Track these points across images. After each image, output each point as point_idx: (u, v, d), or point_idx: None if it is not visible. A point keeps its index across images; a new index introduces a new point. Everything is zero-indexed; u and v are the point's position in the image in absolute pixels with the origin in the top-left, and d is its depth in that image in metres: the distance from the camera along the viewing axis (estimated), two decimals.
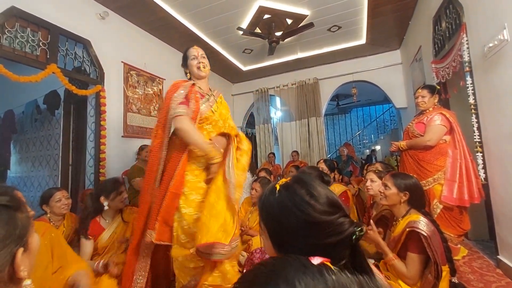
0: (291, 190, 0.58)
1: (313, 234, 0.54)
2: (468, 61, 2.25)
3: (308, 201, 0.55)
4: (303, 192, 0.57)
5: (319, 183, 0.60)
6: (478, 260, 2.25)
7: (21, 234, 0.53)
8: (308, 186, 0.58)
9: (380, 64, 5.12)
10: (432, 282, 1.25)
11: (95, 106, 3.15)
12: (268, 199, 0.60)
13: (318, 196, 0.56)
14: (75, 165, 3.68)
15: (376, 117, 10.30)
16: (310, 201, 0.56)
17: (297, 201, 0.56)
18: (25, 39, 2.55)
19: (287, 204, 0.57)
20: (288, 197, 0.57)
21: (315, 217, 0.54)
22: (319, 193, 0.57)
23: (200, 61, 1.72)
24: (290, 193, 0.58)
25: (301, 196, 0.56)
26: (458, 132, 2.19)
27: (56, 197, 1.86)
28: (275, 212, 0.58)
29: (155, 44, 4.12)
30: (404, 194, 1.48)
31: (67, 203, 1.93)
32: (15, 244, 0.52)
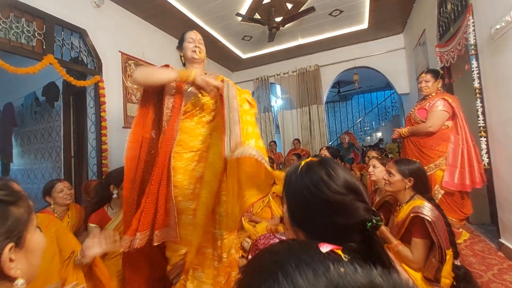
0: (312, 168, 0.61)
1: (325, 212, 0.56)
2: (474, 44, 2.20)
3: (325, 180, 0.58)
4: (323, 171, 0.59)
5: (343, 168, 0.62)
6: (479, 244, 2.28)
7: (11, 228, 0.51)
8: (329, 167, 0.60)
9: (382, 49, 5.02)
10: (436, 266, 1.27)
11: (95, 97, 3.12)
12: (290, 175, 0.64)
13: (336, 177, 0.58)
14: (77, 156, 3.69)
15: (378, 104, 10.20)
16: (327, 180, 0.58)
17: (314, 179, 0.58)
18: (20, 30, 2.50)
19: (305, 181, 0.59)
20: (307, 175, 0.60)
21: (328, 195, 0.56)
22: (338, 174, 0.59)
23: (197, 45, 1.62)
24: (310, 171, 0.61)
25: (320, 174, 0.59)
26: (460, 118, 2.17)
27: (58, 188, 1.88)
28: (294, 188, 0.62)
29: (153, 32, 4.04)
30: (408, 180, 1.48)
31: (70, 193, 1.94)
32: (3, 238, 0.49)
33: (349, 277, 0.21)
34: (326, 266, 0.23)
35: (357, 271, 0.22)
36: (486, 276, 1.73)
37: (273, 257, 0.26)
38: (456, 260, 1.42)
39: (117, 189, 1.87)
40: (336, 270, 0.22)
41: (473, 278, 1.47)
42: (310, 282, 0.21)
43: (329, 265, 0.23)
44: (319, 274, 0.22)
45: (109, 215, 1.92)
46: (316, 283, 0.21)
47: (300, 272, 0.22)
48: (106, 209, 1.93)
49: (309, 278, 0.22)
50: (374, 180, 2.09)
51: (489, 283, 1.64)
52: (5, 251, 0.49)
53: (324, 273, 0.22)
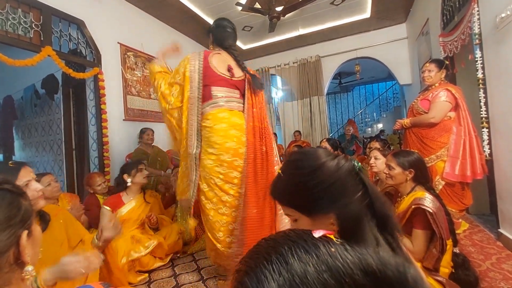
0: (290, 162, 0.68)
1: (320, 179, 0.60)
2: (478, 33, 2.16)
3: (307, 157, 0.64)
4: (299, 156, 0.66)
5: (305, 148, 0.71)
6: (478, 234, 2.30)
7: (24, 217, 0.55)
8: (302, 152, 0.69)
9: (384, 39, 4.94)
10: (436, 256, 1.28)
11: (94, 89, 3.10)
12: (277, 187, 0.68)
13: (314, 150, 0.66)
14: (78, 149, 3.69)
15: (379, 95, 10.13)
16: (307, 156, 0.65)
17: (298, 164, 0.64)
18: (17, 21, 2.46)
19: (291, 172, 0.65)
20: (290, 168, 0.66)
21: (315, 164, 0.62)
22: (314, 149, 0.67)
23: None
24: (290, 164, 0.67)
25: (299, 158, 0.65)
26: (463, 108, 2.15)
27: (45, 182, 1.84)
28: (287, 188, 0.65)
29: (151, 23, 3.98)
30: (409, 171, 1.48)
31: (57, 185, 1.93)
32: (20, 226, 0.53)
33: (339, 256, 0.22)
34: (317, 246, 0.24)
35: (347, 250, 0.23)
36: (485, 265, 1.75)
37: (270, 243, 0.27)
38: (455, 248, 1.43)
39: (130, 177, 2.12)
40: (327, 250, 0.23)
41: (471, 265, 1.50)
42: (301, 261, 0.22)
43: (319, 245, 0.24)
44: (309, 253, 0.23)
45: (123, 200, 2.13)
46: (306, 261, 0.22)
47: (293, 252, 0.23)
48: (121, 195, 2.15)
49: (300, 257, 0.22)
50: (375, 171, 2.09)
51: (487, 272, 1.66)
52: (24, 237, 0.53)
53: (315, 252, 0.23)
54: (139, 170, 2.15)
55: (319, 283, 0.20)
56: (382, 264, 0.21)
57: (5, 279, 0.50)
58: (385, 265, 0.21)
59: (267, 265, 0.23)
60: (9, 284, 0.51)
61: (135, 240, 2.01)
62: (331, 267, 0.21)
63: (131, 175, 2.12)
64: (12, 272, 0.52)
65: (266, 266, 0.23)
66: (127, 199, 2.13)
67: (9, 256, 0.51)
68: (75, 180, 3.73)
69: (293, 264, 0.22)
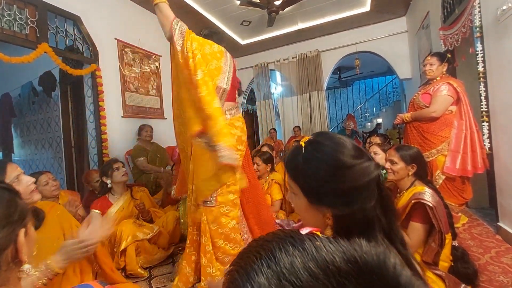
0: (318, 143, 0.62)
1: (343, 179, 0.57)
2: (479, 25, 2.13)
3: (338, 149, 0.59)
4: (330, 142, 0.60)
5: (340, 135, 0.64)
6: (478, 227, 2.31)
7: (21, 216, 0.55)
8: (331, 136, 0.62)
9: (384, 33, 4.90)
10: (435, 250, 1.28)
11: (92, 86, 3.08)
12: (295, 159, 0.63)
13: (344, 142, 0.60)
14: (77, 146, 3.69)
15: (379, 90, 10.09)
16: (340, 148, 0.59)
17: (326, 151, 0.59)
18: (12, 17, 2.43)
19: (316, 156, 0.60)
20: (315, 150, 0.60)
21: (345, 161, 0.57)
22: (344, 140, 0.61)
23: None
24: (317, 145, 0.61)
25: (331, 145, 0.60)
26: (465, 102, 2.14)
27: (43, 181, 1.84)
28: (304, 167, 0.61)
29: (148, 18, 3.92)
30: (411, 166, 1.48)
31: (55, 184, 1.93)
32: (18, 224, 0.53)
33: (323, 247, 0.23)
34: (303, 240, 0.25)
35: (331, 243, 0.24)
36: (484, 259, 1.76)
37: (259, 242, 0.28)
38: (454, 241, 1.44)
39: (110, 178, 2.09)
40: (312, 243, 0.24)
41: (470, 258, 1.50)
42: (288, 254, 0.23)
43: (305, 240, 0.25)
44: (296, 247, 0.24)
45: (110, 200, 2.11)
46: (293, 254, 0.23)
47: (280, 247, 0.25)
48: (107, 196, 2.12)
49: (288, 251, 0.24)
50: None
51: (486, 266, 1.67)
52: (21, 235, 0.53)
53: (301, 246, 0.24)
54: (115, 169, 2.10)
55: (305, 272, 0.21)
56: (363, 252, 0.23)
57: (3, 278, 0.50)
58: (366, 253, 0.23)
59: (256, 261, 0.24)
60: (7, 283, 0.51)
61: (138, 224, 2.04)
62: (316, 258, 0.22)
63: (108, 176, 2.09)
64: (10, 271, 0.52)
65: (256, 262, 0.24)
66: (114, 199, 2.12)
67: (7, 254, 0.51)
68: (75, 177, 3.74)
69: (281, 258, 0.23)
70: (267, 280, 0.22)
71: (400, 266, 0.22)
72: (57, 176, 2.09)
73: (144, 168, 3.09)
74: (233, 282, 0.25)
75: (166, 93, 4.02)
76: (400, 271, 0.22)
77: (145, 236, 1.97)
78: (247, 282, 0.23)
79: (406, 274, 0.22)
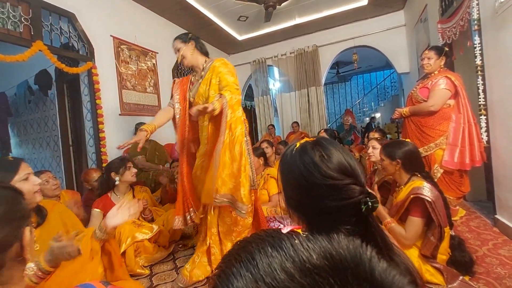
0: (304, 150, 0.59)
1: (316, 195, 0.55)
2: (477, 18, 2.12)
3: (316, 163, 0.56)
4: (315, 153, 0.57)
5: (340, 149, 0.59)
6: (475, 220, 2.32)
7: (25, 214, 0.56)
8: (323, 149, 0.58)
9: (382, 27, 4.88)
10: (434, 244, 1.30)
11: (89, 84, 3.05)
12: (285, 155, 0.63)
13: (328, 159, 0.56)
14: (75, 145, 3.67)
15: (377, 84, 10.08)
16: (318, 162, 0.56)
17: (305, 160, 0.57)
18: (5, 15, 2.39)
19: (298, 162, 0.58)
20: (300, 156, 0.58)
21: (318, 179, 0.54)
22: (331, 157, 0.57)
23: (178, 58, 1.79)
24: (303, 152, 0.59)
25: (311, 156, 0.57)
26: (463, 96, 2.14)
27: (43, 180, 1.81)
28: (287, 169, 0.61)
29: (144, 14, 3.89)
30: (396, 162, 1.50)
31: (56, 183, 1.92)
32: (22, 222, 0.54)
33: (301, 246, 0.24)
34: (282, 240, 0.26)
35: (310, 241, 0.24)
36: (481, 251, 1.78)
37: (241, 244, 0.29)
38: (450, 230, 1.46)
39: (118, 176, 2.02)
40: (291, 242, 0.25)
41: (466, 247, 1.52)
42: (267, 255, 0.24)
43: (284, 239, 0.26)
44: (274, 247, 0.24)
45: (113, 200, 2.04)
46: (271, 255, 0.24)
47: (259, 249, 0.25)
48: (109, 195, 2.05)
49: (266, 252, 0.24)
50: (373, 161, 2.10)
51: (484, 258, 1.69)
52: (27, 233, 0.54)
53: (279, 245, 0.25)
54: (128, 168, 2.06)
55: (282, 273, 0.21)
56: (339, 248, 0.23)
57: (7, 276, 0.51)
58: (342, 248, 0.23)
59: (236, 264, 0.25)
60: (11, 281, 0.52)
61: (137, 225, 2.02)
62: (293, 257, 0.23)
63: (119, 174, 2.02)
64: (13, 269, 0.52)
65: (235, 265, 0.25)
66: (117, 199, 2.03)
67: (11, 252, 0.52)
68: (73, 176, 3.73)
69: (260, 260, 0.23)
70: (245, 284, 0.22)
71: (376, 259, 0.23)
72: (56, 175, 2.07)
73: (143, 166, 3.09)
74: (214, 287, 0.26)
75: (163, 90, 4.00)
76: (375, 264, 0.22)
77: (144, 237, 1.95)
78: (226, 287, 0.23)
79: (382, 266, 0.22)
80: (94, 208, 1.97)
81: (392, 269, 0.23)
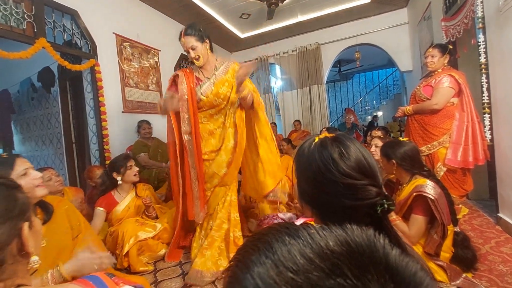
0: (324, 145, 0.59)
1: (332, 192, 0.55)
2: (481, 16, 2.11)
3: (335, 159, 0.55)
4: (335, 150, 0.57)
5: (360, 148, 0.58)
6: (478, 218, 2.33)
7: (23, 209, 0.56)
8: (342, 146, 0.57)
9: (385, 25, 4.85)
10: (437, 242, 1.30)
11: (91, 81, 3.06)
12: (303, 150, 0.62)
13: (347, 157, 0.56)
14: (78, 142, 3.68)
15: (379, 83, 10.04)
16: (337, 160, 0.55)
17: (324, 157, 0.56)
18: (8, 12, 2.40)
19: (316, 157, 0.57)
20: (318, 152, 0.58)
21: (335, 176, 0.54)
22: (350, 155, 0.56)
23: (192, 56, 1.75)
24: (322, 147, 0.58)
25: (331, 153, 0.56)
26: (467, 94, 2.13)
27: (46, 177, 1.81)
28: (304, 163, 0.60)
29: (147, 12, 3.88)
30: (392, 163, 1.52)
31: (59, 179, 1.93)
32: (19, 218, 0.54)
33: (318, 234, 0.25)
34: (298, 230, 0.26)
35: (325, 229, 0.25)
36: (484, 249, 1.78)
37: (256, 237, 0.30)
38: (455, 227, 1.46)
39: (120, 175, 2.00)
40: (307, 231, 0.25)
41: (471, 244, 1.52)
42: (285, 244, 0.24)
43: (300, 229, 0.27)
44: (292, 236, 0.25)
45: (116, 199, 2.04)
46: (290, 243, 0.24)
47: (277, 238, 0.26)
48: (113, 194, 2.05)
49: (284, 240, 0.25)
50: (376, 159, 2.10)
51: (486, 255, 1.69)
52: (25, 229, 0.54)
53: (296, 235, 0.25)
54: (129, 167, 2.03)
55: (302, 258, 0.22)
56: (355, 236, 0.24)
57: (10, 271, 0.51)
58: (356, 236, 0.24)
59: (255, 253, 0.25)
60: (15, 275, 0.52)
61: (140, 223, 2.02)
62: (311, 244, 0.24)
63: (120, 173, 2.00)
64: (17, 264, 0.53)
65: (254, 254, 0.25)
66: (120, 197, 2.05)
67: (12, 248, 0.52)
68: (76, 173, 3.75)
69: (278, 248, 0.24)
70: (265, 269, 0.23)
71: (389, 246, 0.24)
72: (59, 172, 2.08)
73: (146, 163, 3.10)
74: (232, 276, 0.26)
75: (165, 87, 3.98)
76: (389, 250, 0.23)
77: (147, 235, 1.96)
78: (247, 273, 0.23)
79: (395, 253, 0.23)
80: (97, 206, 1.97)
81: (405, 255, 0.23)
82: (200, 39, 1.73)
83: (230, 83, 1.79)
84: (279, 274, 0.22)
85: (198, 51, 1.72)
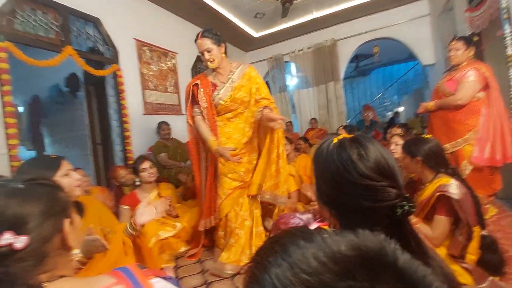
0: (342, 146, 0.58)
1: (351, 193, 0.55)
2: (506, 7, 1.99)
3: (354, 161, 0.55)
4: (353, 150, 0.56)
5: (379, 148, 0.57)
6: (507, 219, 2.19)
7: (64, 207, 0.61)
8: (361, 146, 0.57)
9: (405, 18, 4.68)
10: (462, 244, 1.25)
11: (114, 86, 3.20)
12: (322, 150, 0.62)
13: (366, 158, 0.55)
14: (103, 144, 3.86)
15: (399, 77, 9.67)
16: (356, 161, 0.55)
17: (343, 158, 0.56)
18: (37, 23, 2.55)
19: (334, 158, 0.57)
20: (337, 152, 0.58)
21: (354, 177, 0.54)
22: (369, 156, 0.55)
23: (206, 58, 1.78)
24: (341, 148, 0.58)
25: (349, 153, 0.56)
26: (495, 88, 2.01)
27: None
28: (323, 164, 0.60)
29: (164, 16, 3.99)
30: (416, 160, 1.45)
31: (86, 180, 2.08)
32: (61, 215, 0.59)
33: (330, 239, 0.26)
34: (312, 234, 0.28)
35: (338, 234, 0.27)
36: None
37: (272, 239, 0.32)
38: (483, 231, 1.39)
39: (138, 177, 2.16)
40: (321, 236, 0.27)
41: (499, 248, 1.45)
42: (299, 247, 0.26)
43: (314, 233, 0.28)
44: (306, 240, 0.27)
45: (139, 197, 2.14)
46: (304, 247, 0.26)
47: (292, 241, 0.28)
48: (137, 192, 2.17)
49: (299, 244, 0.27)
50: (396, 158, 2.05)
51: None
52: (66, 225, 0.60)
53: (311, 239, 0.27)
54: (141, 170, 2.14)
55: (315, 260, 0.24)
56: (366, 240, 0.26)
57: (53, 263, 0.56)
58: (367, 241, 0.26)
59: (272, 255, 0.27)
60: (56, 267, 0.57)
61: (160, 222, 2.10)
62: (324, 248, 0.25)
63: (137, 175, 2.16)
64: (59, 256, 0.58)
65: (271, 256, 0.27)
66: (143, 196, 2.15)
67: (55, 242, 0.57)
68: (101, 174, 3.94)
69: (293, 251, 0.26)
70: (282, 270, 0.25)
71: (399, 251, 0.25)
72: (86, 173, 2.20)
73: (166, 163, 3.20)
74: (252, 276, 0.28)
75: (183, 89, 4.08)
76: (399, 255, 0.24)
77: (168, 234, 2.04)
78: (265, 274, 0.26)
79: (405, 257, 0.25)
80: (121, 204, 2.09)
81: (415, 260, 0.25)
82: (216, 42, 1.77)
83: (247, 87, 1.86)
84: (295, 275, 0.24)
85: (213, 54, 1.76)
